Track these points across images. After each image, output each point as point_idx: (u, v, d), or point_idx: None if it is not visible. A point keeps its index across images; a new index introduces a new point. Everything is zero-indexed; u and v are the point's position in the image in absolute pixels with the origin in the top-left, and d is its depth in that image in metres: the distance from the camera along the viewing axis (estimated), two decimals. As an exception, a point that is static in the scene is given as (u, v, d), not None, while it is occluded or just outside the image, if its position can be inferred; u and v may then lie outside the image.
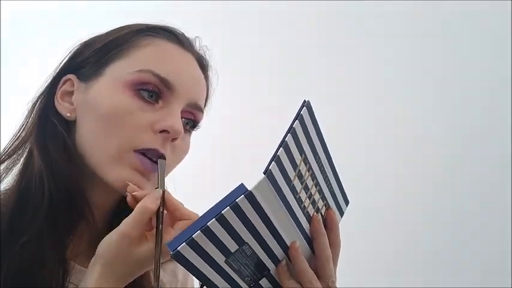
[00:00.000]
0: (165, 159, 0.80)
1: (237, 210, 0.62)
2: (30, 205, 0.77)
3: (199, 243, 0.63)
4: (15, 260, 0.74)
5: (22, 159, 0.83)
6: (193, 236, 0.62)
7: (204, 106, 0.89)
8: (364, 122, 1.98)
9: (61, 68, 0.86)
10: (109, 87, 0.80)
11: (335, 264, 0.77)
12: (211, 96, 0.92)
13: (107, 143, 0.78)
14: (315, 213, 0.74)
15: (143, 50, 0.83)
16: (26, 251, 0.75)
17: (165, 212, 0.75)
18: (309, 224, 0.73)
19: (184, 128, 0.83)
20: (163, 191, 0.75)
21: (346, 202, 0.83)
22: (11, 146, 0.84)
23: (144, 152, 0.79)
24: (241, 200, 0.62)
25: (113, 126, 0.78)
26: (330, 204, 0.78)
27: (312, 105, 0.67)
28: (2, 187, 0.82)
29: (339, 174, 0.79)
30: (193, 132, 0.90)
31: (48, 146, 0.80)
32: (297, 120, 0.65)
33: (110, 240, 0.71)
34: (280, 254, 0.71)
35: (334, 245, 0.76)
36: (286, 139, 0.64)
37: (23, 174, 0.81)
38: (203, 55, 0.91)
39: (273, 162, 0.62)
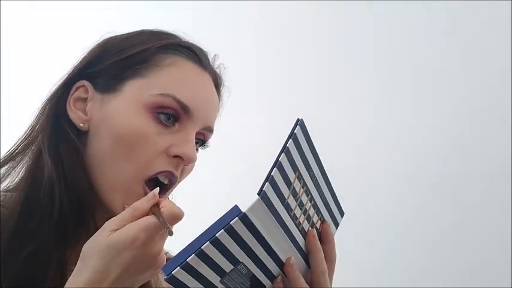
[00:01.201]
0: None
1: (232, 232, 0.62)
2: (38, 212, 0.76)
3: (194, 266, 0.63)
4: (20, 268, 0.74)
5: (29, 163, 0.81)
6: (187, 259, 0.62)
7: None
8: (362, 123, 1.97)
9: (75, 71, 0.84)
10: (128, 106, 0.79)
11: (330, 277, 0.77)
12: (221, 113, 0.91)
13: (121, 169, 0.78)
14: (310, 228, 0.74)
15: (164, 70, 0.81)
16: (31, 260, 0.74)
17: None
18: (304, 238, 0.73)
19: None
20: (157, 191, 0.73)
21: (341, 213, 0.83)
22: (17, 147, 0.83)
23: (156, 177, 0.79)
24: (235, 222, 0.62)
25: (128, 149, 0.77)
26: (325, 218, 0.78)
27: (305, 123, 0.67)
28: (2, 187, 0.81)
29: (333, 186, 0.79)
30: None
31: (61, 155, 0.79)
32: (290, 139, 0.65)
33: (93, 236, 0.69)
34: (276, 270, 0.72)
35: (330, 258, 0.76)
36: (280, 159, 0.64)
37: (31, 179, 0.79)
38: (220, 75, 0.90)
39: (266, 183, 0.62)
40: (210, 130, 0.85)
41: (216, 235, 0.62)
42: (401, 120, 1.94)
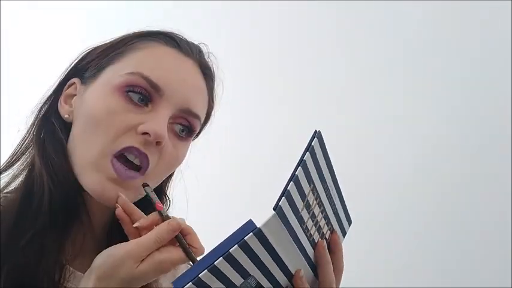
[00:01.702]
0: (148, 185, 0.79)
1: (245, 247, 0.61)
2: (32, 206, 0.77)
3: (206, 281, 0.61)
4: (16, 260, 0.74)
5: (27, 163, 0.83)
6: (199, 275, 0.60)
7: (208, 116, 0.89)
8: (368, 123, 1.97)
9: (68, 72, 0.86)
10: (100, 90, 0.80)
11: (337, 286, 0.77)
12: (217, 107, 0.90)
13: (89, 146, 0.78)
14: (320, 239, 0.73)
15: (138, 53, 0.82)
16: (26, 251, 0.75)
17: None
18: (314, 249, 0.72)
19: (178, 135, 0.82)
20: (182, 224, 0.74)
21: (349, 222, 0.82)
22: (19, 148, 0.84)
23: (124, 153, 0.77)
24: (250, 237, 0.60)
25: (96, 127, 0.77)
26: (334, 227, 0.77)
27: (322, 135, 0.65)
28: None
29: (343, 195, 0.78)
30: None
31: (47, 147, 0.81)
32: (307, 152, 0.64)
33: (114, 254, 0.71)
34: (284, 282, 0.70)
35: (337, 269, 0.76)
36: (296, 172, 0.63)
37: (27, 175, 0.81)
38: (207, 63, 0.88)
39: (283, 197, 0.61)
40: (192, 114, 0.82)
41: (230, 251, 0.60)
42: (401, 120, 1.94)
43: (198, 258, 0.68)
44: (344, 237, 0.82)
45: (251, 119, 2.00)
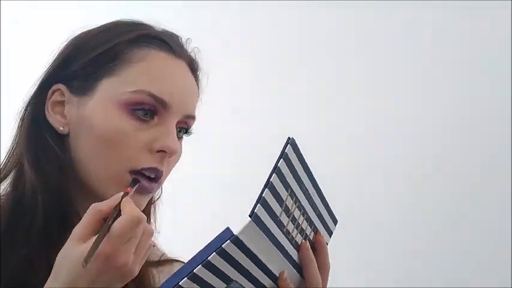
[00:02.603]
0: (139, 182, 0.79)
1: (224, 254, 0.62)
2: (24, 219, 0.77)
3: None
4: (10, 274, 0.75)
5: (14, 172, 0.82)
6: (180, 283, 0.62)
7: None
8: (368, 123, 1.97)
9: (49, 74, 0.84)
10: (104, 107, 0.79)
11: (324, 286, 0.78)
12: (201, 95, 0.90)
13: (105, 164, 0.79)
14: (303, 241, 0.74)
15: (136, 66, 0.81)
16: (20, 266, 0.75)
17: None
18: (298, 251, 0.74)
19: (177, 136, 0.83)
20: (122, 195, 0.71)
21: (335, 222, 0.83)
22: (8, 160, 0.84)
23: (142, 172, 0.79)
24: (227, 245, 0.62)
25: (110, 148, 0.78)
26: (318, 228, 0.78)
27: (296, 141, 0.66)
28: None
29: (325, 197, 0.79)
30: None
31: (41, 160, 0.80)
32: (281, 159, 0.65)
33: (63, 247, 0.68)
34: (270, 284, 0.72)
35: (323, 268, 0.77)
36: (271, 179, 0.64)
37: (15, 187, 0.81)
38: (193, 59, 0.89)
39: (258, 204, 0.62)
40: (191, 117, 0.85)
41: (208, 258, 0.62)
42: (401, 120, 1.93)
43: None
44: (330, 236, 0.83)
45: (252, 119, 2.02)
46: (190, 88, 0.86)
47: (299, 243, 0.73)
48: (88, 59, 0.81)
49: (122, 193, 0.71)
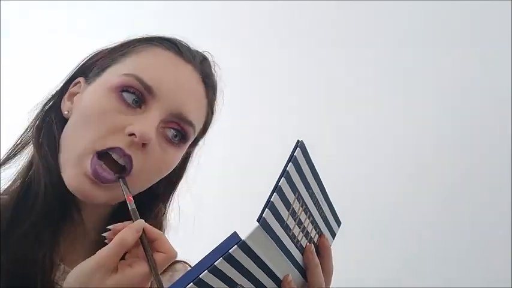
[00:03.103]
0: (123, 178, 0.78)
1: (230, 260, 0.61)
2: (29, 199, 0.79)
3: None
4: (12, 252, 0.76)
5: (26, 159, 0.85)
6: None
7: (206, 127, 0.89)
8: (368, 123, 1.96)
9: (75, 71, 0.88)
10: (97, 89, 0.82)
11: None
12: (216, 119, 0.90)
13: (76, 143, 0.79)
14: (308, 244, 0.73)
15: (137, 55, 0.84)
16: (22, 243, 0.76)
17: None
18: (302, 254, 0.73)
19: (170, 140, 0.82)
20: (143, 223, 0.72)
21: (338, 223, 0.83)
22: (19, 142, 0.86)
23: (107, 152, 0.77)
24: (234, 250, 0.61)
25: (87, 124, 0.79)
26: (323, 231, 0.77)
27: (305, 145, 0.65)
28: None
29: (330, 198, 0.78)
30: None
31: (43, 142, 0.82)
32: (290, 163, 0.64)
33: (84, 269, 0.69)
34: (274, 287, 0.71)
35: (327, 271, 0.76)
36: (279, 183, 0.63)
37: (26, 168, 0.83)
38: (209, 73, 0.88)
39: (266, 209, 0.61)
40: (184, 120, 0.82)
41: (215, 263, 0.61)
42: (401, 120, 1.94)
43: (167, 263, 0.70)
44: (334, 238, 0.83)
45: (254, 120, 2.01)
46: (189, 89, 0.84)
47: (304, 245, 0.72)
48: (105, 53, 0.86)
49: (141, 220, 0.72)
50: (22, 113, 0.87)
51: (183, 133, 0.83)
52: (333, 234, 0.82)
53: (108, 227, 0.72)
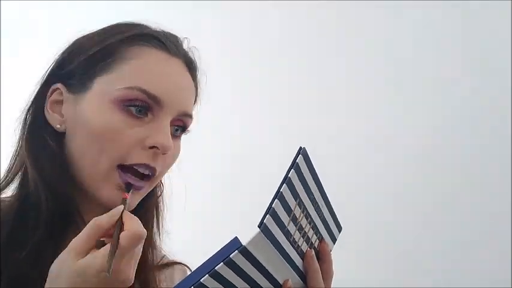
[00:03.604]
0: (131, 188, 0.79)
1: (231, 265, 0.62)
2: (29, 217, 0.78)
3: None
4: (13, 271, 0.75)
5: (20, 172, 0.83)
6: None
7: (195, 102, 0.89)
8: (368, 123, 1.96)
9: (48, 75, 0.85)
10: (98, 103, 0.79)
11: None
12: (200, 96, 0.90)
13: (98, 160, 0.78)
14: (308, 249, 0.74)
15: (130, 63, 0.81)
16: (24, 263, 0.75)
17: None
18: (302, 259, 0.73)
19: (174, 134, 0.83)
20: (123, 208, 0.72)
21: (339, 228, 0.83)
22: (14, 162, 0.84)
23: (134, 167, 0.79)
24: (235, 255, 0.61)
25: (103, 143, 0.78)
26: (323, 236, 0.77)
27: (307, 152, 0.66)
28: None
29: (331, 203, 0.78)
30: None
31: (40, 159, 0.81)
32: (292, 169, 0.64)
33: (60, 255, 0.69)
34: None
35: (327, 276, 0.77)
36: (281, 190, 0.63)
37: (21, 186, 0.82)
38: (191, 58, 0.88)
39: (267, 215, 0.61)
40: (187, 115, 0.84)
41: (216, 268, 0.61)
42: (401, 120, 1.93)
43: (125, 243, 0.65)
44: (334, 243, 0.83)
45: (253, 119, 2.01)
46: (185, 86, 0.85)
47: (304, 250, 0.73)
48: (85, 58, 0.82)
49: (121, 206, 0.71)
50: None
51: (185, 127, 0.85)
52: (334, 240, 0.82)
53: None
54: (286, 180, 0.63)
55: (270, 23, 2.04)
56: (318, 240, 0.76)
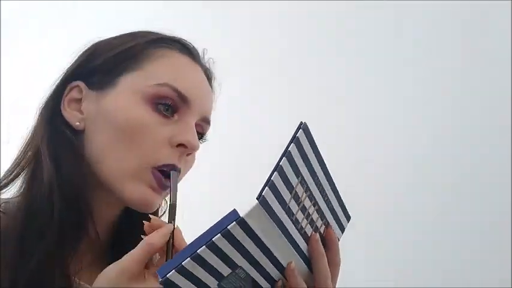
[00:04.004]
0: (179, 171, 0.80)
1: (229, 236, 0.61)
2: (40, 217, 0.76)
3: (190, 270, 0.62)
4: (23, 279, 0.74)
5: (30, 169, 0.81)
6: (182, 263, 0.61)
7: None
8: (368, 123, 1.96)
9: (68, 73, 0.85)
10: (126, 100, 0.80)
11: (334, 282, 0.76)
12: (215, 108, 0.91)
13: (125, 157, 0.79)
14: (313, 233, 0.72)
15: (158, 62, 0.83)
16: (35, 272, 0.74)
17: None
18: (307, 243, 0.72)
19: None
20: (173, 227, 0.74)
21: (348, 218, 0.81)
22: (23, 155, 0.83)
23: (162, 169, 0.79)
24: (233, 226, 0.61)
25: (131, 140, 0.78)
26: (330, 222, 0.76)
27: (308, 126, 0.65)
28: (8, 195, 0.82)
29: (339, 191, 0.77)
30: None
31: (59, 156, 0.80)
32: (292, 143, 0.64)
33: (109, 275, 0.69)
34: (276, 275, 0.70)
35: (333, 263, 0.75)
36: (281, 163, 0.63)
37: (30, 185, 0.80)
38: (209, 68, 0.91)
39: (266, 187, 0.61)
40: (207, 122, 0.86)
41: (213, 239, 0.61)
42: (401, 120, 1.93)
43: None
44: (343, 232, 0.81)
45: (253, 119, 2.02)
46: (208, 92, 0.88)
47: (309, 234, 0.71)
48: (109, 55, 0.83)
49: (171, 225, 0.72)
50: (22, 113, 0.87)
51: (203, 133, 0.87)
52: (342, 228, 0.80)
53: (145, 222, 0.73)
54: (286, 153, 0.63)
55: (270, 22, 2.06)
56: (323, 226, 0.75)
